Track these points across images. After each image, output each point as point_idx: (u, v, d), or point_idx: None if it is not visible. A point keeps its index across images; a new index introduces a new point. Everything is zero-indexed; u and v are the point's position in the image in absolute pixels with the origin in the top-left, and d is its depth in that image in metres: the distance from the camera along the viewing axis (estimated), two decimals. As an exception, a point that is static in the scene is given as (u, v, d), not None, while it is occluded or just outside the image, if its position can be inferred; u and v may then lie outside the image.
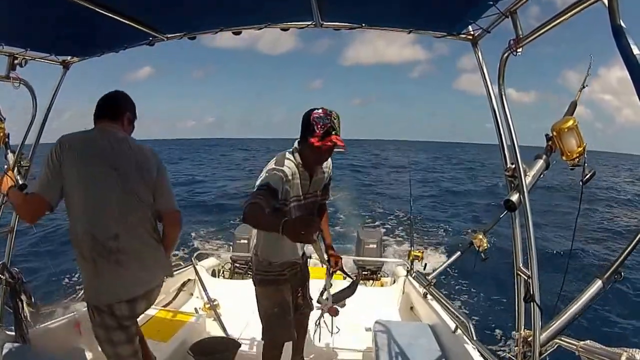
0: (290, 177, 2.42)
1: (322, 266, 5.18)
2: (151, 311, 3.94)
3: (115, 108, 2.26)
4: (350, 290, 2.87)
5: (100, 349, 2.20)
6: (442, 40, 2.40)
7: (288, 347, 2.87)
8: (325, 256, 2.89)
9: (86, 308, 3.33)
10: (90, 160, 2.04)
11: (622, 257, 1.86)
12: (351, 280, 2.94)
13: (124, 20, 2.28)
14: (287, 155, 2.50)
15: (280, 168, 2.38)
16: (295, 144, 2.53)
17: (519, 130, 2.15)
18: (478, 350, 2.65)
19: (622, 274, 1.86)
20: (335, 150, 2.39)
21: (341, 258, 2.95)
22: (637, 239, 1.79)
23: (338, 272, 2.90)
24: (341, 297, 2.83)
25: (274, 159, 2.48)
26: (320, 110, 2.35)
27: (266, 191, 2.19)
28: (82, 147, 2.05)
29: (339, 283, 5.10)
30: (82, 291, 3.32)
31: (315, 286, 2.95)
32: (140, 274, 2.16)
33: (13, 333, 2.60)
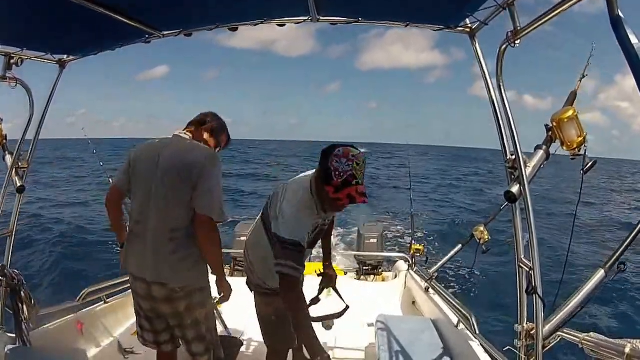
0: (312, 228, 2.26)
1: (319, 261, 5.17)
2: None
3: (200, 118, 2.49)
4: (337, 315, 2.74)
5: (101, 349, 2.23)
6: (459, 45, 2.37)
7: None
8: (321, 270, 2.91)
9: (87, 309, 3.36)
10: (144, 160, 2.30)
11: (623, 247, 1.85)
12: (344, 305, 2.77)
13: (119, 18, 2.27)
14: (309, 196, 2.18)
15: (307, 220, 2.17)
16: (313, 179, 2.21)
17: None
18: (481, 344, 2.64)
19: (626, 264, 1.86)
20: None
21: (336, 276, 2.89)
22: (638, 228, 1.79)
23: (338, 267, 2.84)
24: (327, 318, 2.72)
25: (300, 197, 2.18)
26: (341, 152, 2.00)
27: (300, 254, 2.08)
28: (143, 153, 2.34)
29: (341, 279, 5.12)
30: (86, 289, 3.36)
31: (308, 282, 2.89)
32: (141, 260, 2.24)
33: (13, 335, 2.59)
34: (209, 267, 2.38)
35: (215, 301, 3.08)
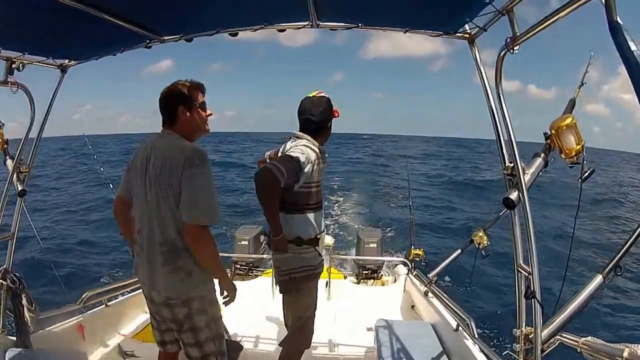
0: (318, 160, 2.50)
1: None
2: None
3: (167, 112, 2.22)
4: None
5: (102, 352, 2.22)
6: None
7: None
8: None
9: (88, 312, 3.36)
10: (136, 168, 2.23)
11: (622, 252, 1.86)
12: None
13: (121, 23, 2.28)
14: (313, 144, 2.53)
15: (312, 153, 2.44)
16: (306, 136, 2.56)
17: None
18: (480, 348, 2.65)
19: (622, 267, 1.87)
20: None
21: None
22: (637, 233, 1.80)
23: (338, 271, 2.86)
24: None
25: (302, 143, 2.50)
26: (325, 94, 2.60)
27: (295, 167, 2.28)
28: (135, 159, 2.26)
29: (340, 283, 5.14)
30: (87, 292, 3.34)
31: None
32: (142, 268, 2.24)
33: (14, 338, 2.60)
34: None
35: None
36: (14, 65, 2.69)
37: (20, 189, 2.84)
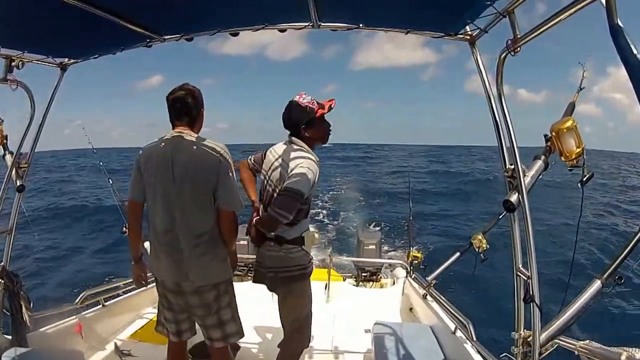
0: (317, 177, 2.46)
1: (322, 267, 5.19)
2: (149, 314, 3.94)
3: (194, 113, 2.33)
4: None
5: (99, 351, 2.21)
6: (453, 43, 2.39)
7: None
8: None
9: (85, 312, 3.36)
10: (156, 168, 2.25)
11: (621, 257, 1.85)
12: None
13: (121, 22, 2.29)
14: (310, 156, 2.47)
15: (314, 175, 2.40)
16: (302, 143, 2.51)
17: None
18: (478, 351, 2.65)
19: (623, 277, 1.86)
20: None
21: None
22: (636, 238, 1.79)
23: (337, 273, 2.84)
24: None
25: (308, 158, 2.43)
26: (300, 96, 2.49)
27: (296, 202, 2.32)
28: (153, 158, 2.28)
29: (339, 285, 5.13)
30: (84, 292, 3.34)
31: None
32: (170, 267, 2.29)
33: (11, 337, 2.59)
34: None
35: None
36: (13, 64, 2.69)
37: (19, 184, 2.84)
